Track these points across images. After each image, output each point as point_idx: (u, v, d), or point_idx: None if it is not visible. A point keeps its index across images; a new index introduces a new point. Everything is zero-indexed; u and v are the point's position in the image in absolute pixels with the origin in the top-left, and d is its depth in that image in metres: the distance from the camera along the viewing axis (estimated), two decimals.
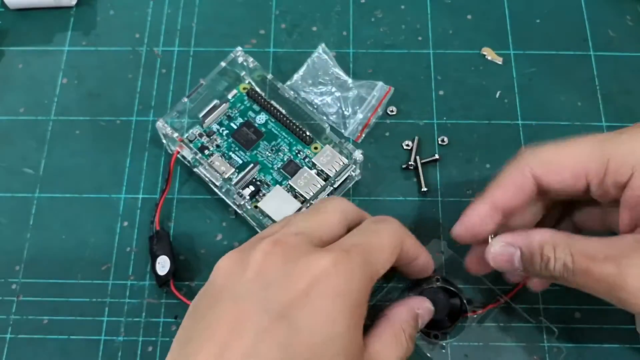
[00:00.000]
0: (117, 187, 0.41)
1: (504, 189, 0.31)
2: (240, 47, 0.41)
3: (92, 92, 0.44)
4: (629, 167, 0.27)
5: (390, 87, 0.43)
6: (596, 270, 0.28)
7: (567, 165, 0.29)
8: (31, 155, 0.42)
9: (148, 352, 0.37)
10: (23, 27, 0.46)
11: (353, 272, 0.27)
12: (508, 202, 0.31)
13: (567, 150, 0.29)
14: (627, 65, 0.44)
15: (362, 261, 0.28)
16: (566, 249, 0.29)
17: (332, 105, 0.43)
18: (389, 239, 0.30)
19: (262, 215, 0.38)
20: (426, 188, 0.40)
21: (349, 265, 0.27)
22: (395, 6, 0.47)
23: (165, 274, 0.37)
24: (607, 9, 0.46)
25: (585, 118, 0.43)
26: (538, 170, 0.29)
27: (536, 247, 0.30)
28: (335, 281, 0.27)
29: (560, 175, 0.29)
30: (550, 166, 0.29)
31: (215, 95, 0.42)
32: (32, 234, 0.40)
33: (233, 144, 0.41)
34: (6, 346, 0.37)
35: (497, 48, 0.45)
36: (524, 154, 0.30)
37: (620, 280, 0.27)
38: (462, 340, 0.36)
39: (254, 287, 0.27)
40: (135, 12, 0.46)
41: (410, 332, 0.31)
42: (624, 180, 0.27)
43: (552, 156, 0.29)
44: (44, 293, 0.38)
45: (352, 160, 0.39)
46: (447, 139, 0.42)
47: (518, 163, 0.30)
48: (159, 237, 0.38)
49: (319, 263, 0.27)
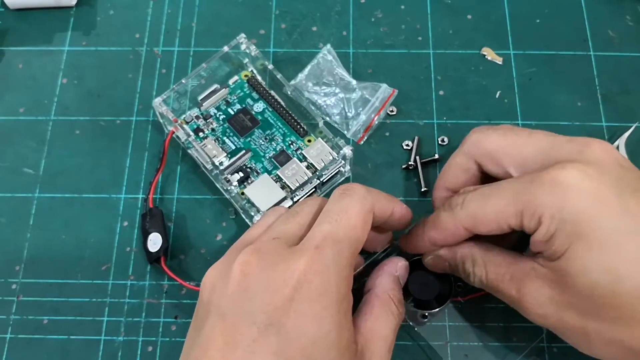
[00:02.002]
0: (117, 187, 0.41)
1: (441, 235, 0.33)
2: (244, 34, 0.41)
3: (92, 92, 0.44)
4: (537, 219, 0.29)
5: (394, 89, 0.43)
6: (504, 289, 0.31)
7: (491, 219, 0.30)
8: (31, 155, 0.42)
9: (148, 352, 0.37)
10: (23, 27, 0.46)
11: (329, 269, 0.28)
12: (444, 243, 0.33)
13: (489, 205, 0.30)
14: (627, 65, 0.44)
15: (336, 253, 0.28)
16: (482, 267, 0.32)
17: (335, 106, 0.43)
18: (357, 215, 0.30)
19: (247, 202, 0.38)
20: (426, 188, 0.40)
21: (323, 262, 0.28)
22: (395, 6, 0.47)
23: (156, 251, 0.37)
24: (607, 9, 0.46)
25: (585, 118, 0.43)
26: (467, 224, 0.31)
27: (459, 261, 0.33)
28: (314, 282, 0.27)
29: (488, 226, 0.31)
30: (476, 221, 0.31)
31: (216, 80, 0.42)
32: (32, 234, 0.40)
33: (228, 129, 0.41)
34: (6, 346, 0.37)
35: (497, 48, 0.45)
36: (455, 209, 0.32)
37: (519, 302, 0.31)
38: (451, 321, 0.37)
39: (238, 300, 0.28)
40: (135, 12, 0.46)
41: (397, 298, 0.33)
42: (534, 229, 0.29)
43: (477, 210, 0.31)
44: (44, 293, 0.38)
45: (340, 156, 0.39)
46: (447, 139, 0.42)
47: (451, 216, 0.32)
48: (151, 214, 0.39)
49: (296, 267, 0.27)
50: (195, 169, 0.41)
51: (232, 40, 0.41)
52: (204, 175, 0.41)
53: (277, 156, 0.40)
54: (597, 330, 0.29)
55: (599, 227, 0.28)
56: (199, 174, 0.41)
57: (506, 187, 0.30)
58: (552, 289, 0.29)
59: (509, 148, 0.32)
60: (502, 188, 0.31)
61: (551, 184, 0.28)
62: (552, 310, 0.30)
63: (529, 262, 0.30)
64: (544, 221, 0.28)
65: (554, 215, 0.28)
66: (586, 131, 0.42)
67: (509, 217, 0.30)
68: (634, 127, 0.42)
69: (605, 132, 0.42)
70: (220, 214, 0.40)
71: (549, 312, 0.30)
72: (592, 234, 0.28)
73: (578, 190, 0.28)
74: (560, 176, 0.28)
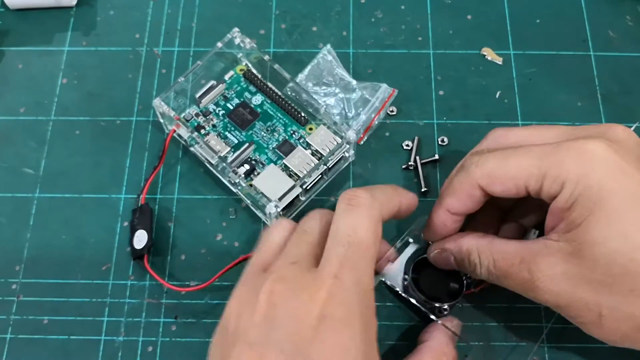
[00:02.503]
0: (117, 187, 0.41)
1: (455, 198, 0.33)
2: (237, 28, 0.42)
3: (92, 92, 0.44)
4: (560, 184, 0.29)
5: (394, 89, 0.43)
6: (513, 274, 0.31)
7: (509, 177, 0.31)
8: (31, 155, 0.42)
9: (148, 352, 0.37)
10: (23, 27, 0.46)
11: (351, 298, 0.28)
12: (460, 209, 0.33)
13: (510, 163, 0.31)
14: (627, 65, 0.44)
15: (355, 281, 0.29)
16: (489, 256, 0.32)
17: (335, 107, 0.43)
18: (366, 232, 0.30)
19: (256, 193, 0.38)
20: (426, 188, 0.40)
21: (344, 293, 0.28)
22: (395, 6, 0.47)
23: (140, 248, 0.38)
24: (607, 9, 0.46)
25: (585, 118, 0.43)
26: (482, 181, 0.32)
27: (464, 254, 0.33)
28: (337, 314, 0.28)
29: (504, 185, 0.31)
30: (493, 178, 0.31)
31: (212, 76, 0.42)
32: (32, 234, 0.40)
33: (229, 124, 0.41)
34: (6, 346, 0.37)
35: (497, 48, 0.45)
36: (470, 167, 0.32)
37: (531, 282, 0.30)
38: None
39: (265, 330, 0.28)
40: (135, 12, 0.46)
41: (450, 356, 0.33)
42: (554, 194, 0.30)
43: (495, 168, 0.31)
44: (44, 293, 0.38)
45: (345, 140, 0.39)
46: (447, 139, 0.42)
47: (466, 175, 0.32)
48: (141, 211, 0.39)
49: (319, 297, 0.28)
50: (196, 168, 0.41)
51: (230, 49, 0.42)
52: (204, 174, 0.41)
53: (281, 146, 0.40)
54: (611, 305, 0.29)
55: (621, 196, 0.29)
56: (199, 174, 0.41)
57: (531, 149, 0.31)
58: (567, 262, 0.29)
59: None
60: (526, 149, 0.31)
61: (578, 151, 0.29)
62: (566, 286, 0.30)
63: (539, 241, 0.31)
64: (567, 186, 0.29)
65: (578, 181, 0.29)
66: None
67: (530, 177, 0.30)
68: (634, 127, 0.42)
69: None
70: (220, 214, 0.40)
71: (563, 288, 0.30)
72: (613, 203, 0.28)
73: (604, 159, 0.29)
74: (588, 145, 0.29)
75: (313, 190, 0.40)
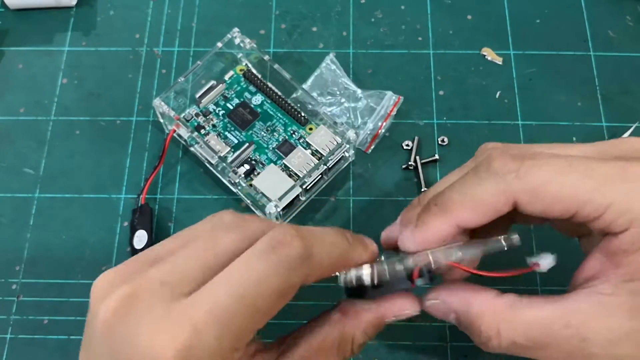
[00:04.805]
0: (117, 187, 0.41)
1: (475, 212, 0.26)
2: (237, 28, 0.42)
3: (92, 92, 0.44)
4: (628, 221, 0.24)
5: (400, 97, 0.43)
6: (555, 343, 0.25)
7: (560, 199, 0.24)
8: (31, 155, 0.42)
9: None
10: (23, 27, 0.46)
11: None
12: (474, 224, 0.26)
13: (567, 179, 0.24)
14: (627, 65, 0.44)
15: (218, 342, 0.22)
16: (514, 325, 0.25)
17: (341, 116, 0.43)
18: (271, 294, 0.23)
19: (256, 193, 0.38)
20: (426, 188, 0.40)
21: (197, 352, 0.22)
22: (395, 6, 0.47)
23: (140, 248, 0.38)
24: (607, 9, 0.46)
25: (585, 118, 0.43)
26: (523, 197, 0.25)
27: (474, 319, 0.26)
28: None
29: (550, 208, 0.25)
30: (542, 195, 0.25)
31: (212, 76, 0.42)
32: (32, 234, 0.40)
33: (229, 124, 0.41)
34: (6, 346, 0.37)
35: (497, 48, 0.45)
36: (507, 176, 0.25)
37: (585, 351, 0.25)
38: None
39: (103, 342, 0.24)
40: (135, 13, 0.46)
41: None
42: (615, 230, 0.24)
43: (547, 182, 0.25)
44: (44, 293, 0.38)
45: (345, 140, 0.39)
46: (447, 139, 0.42)
47: (498, 186, 0.25)
48: (141, 211, 0.39)
49: (161, 345, 0.22)
50: (196, 168, 0.41)
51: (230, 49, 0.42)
52: (204, 175, 0.41)
53: (281, 146, 0.40)
54: None
55: None
56: (199, 174, 0.41)
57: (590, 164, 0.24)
58: (633, 320, 0.24)
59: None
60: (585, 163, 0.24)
61: None
62: (632, 347, 0.24)
63: (586, 298, 0.25)
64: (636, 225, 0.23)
65: None
66: (586, 131, 0.42)
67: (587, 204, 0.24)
68: (634, 127, 0.42)
69: (606, 132, 0.42)
70: None
71: (627, 351, 0.24)
72: None
73: None
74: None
75: (313, 190, 0.40)
